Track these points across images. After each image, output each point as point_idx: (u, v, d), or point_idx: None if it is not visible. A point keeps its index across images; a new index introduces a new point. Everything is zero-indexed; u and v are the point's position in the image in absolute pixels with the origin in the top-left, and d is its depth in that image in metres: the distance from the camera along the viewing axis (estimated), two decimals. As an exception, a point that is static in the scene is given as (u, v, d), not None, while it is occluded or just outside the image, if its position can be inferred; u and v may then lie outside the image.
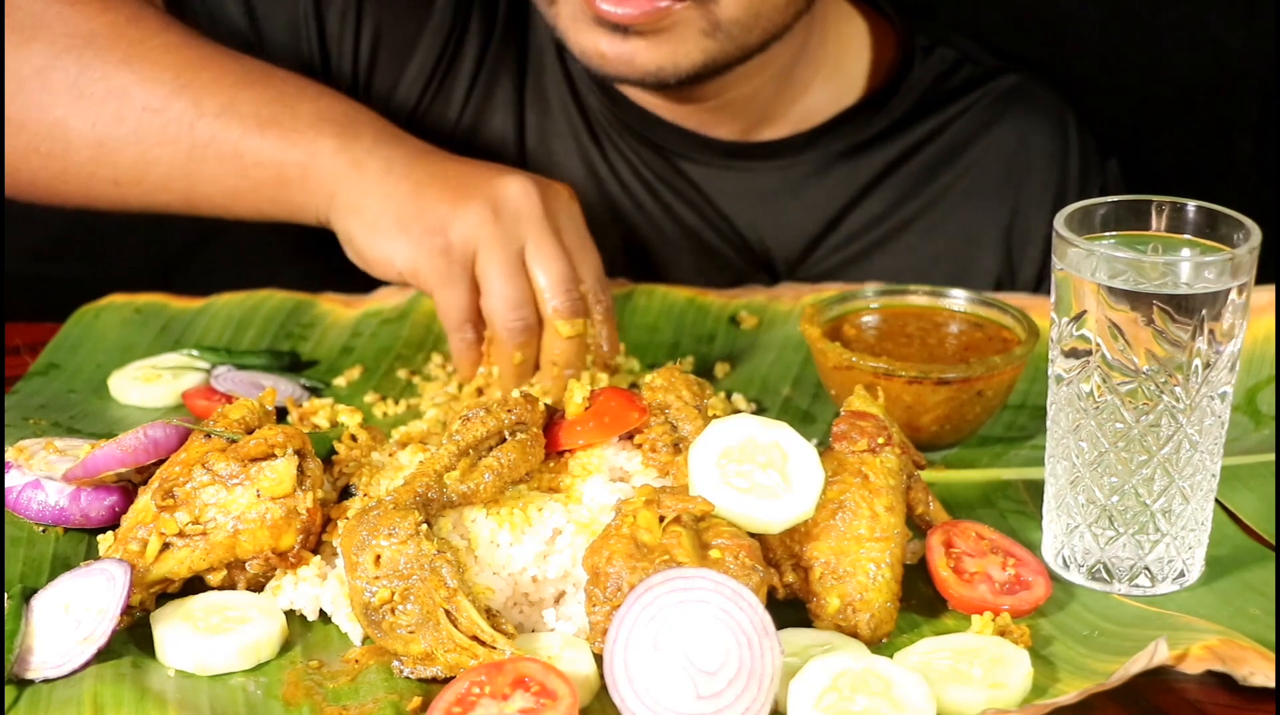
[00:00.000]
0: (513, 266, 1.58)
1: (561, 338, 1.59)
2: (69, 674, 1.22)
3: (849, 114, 1.93)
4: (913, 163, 1.94)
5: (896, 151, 1.94)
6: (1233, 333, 1.29)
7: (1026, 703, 1.20)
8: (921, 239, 1.94)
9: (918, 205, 1.95)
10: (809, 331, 1.56)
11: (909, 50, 1.96)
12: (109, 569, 1.26)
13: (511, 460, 1.30)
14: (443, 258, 1.59)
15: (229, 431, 1.33)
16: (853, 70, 1.96)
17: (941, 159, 1.95)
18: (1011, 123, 1.96)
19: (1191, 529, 1.33)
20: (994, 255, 1.95)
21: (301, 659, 1.26)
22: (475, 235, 1.58)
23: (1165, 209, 1.34)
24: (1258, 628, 1.28)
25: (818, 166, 1.93)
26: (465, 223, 1.58)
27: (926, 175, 1.95)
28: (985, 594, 1.30)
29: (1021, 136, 1.96)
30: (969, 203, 1.95)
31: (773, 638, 1.16)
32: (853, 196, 1.94)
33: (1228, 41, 2.49)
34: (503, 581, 1.28)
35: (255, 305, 1.79)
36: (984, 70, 1.98)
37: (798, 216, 1.94)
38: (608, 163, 1.93)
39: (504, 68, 1.93)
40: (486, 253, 1.58)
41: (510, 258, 1.58)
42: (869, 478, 1.30)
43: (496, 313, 1.58)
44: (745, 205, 1.94)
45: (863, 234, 1.95)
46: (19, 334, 1.75)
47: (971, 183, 1.95)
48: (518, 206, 1.59)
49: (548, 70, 1.93)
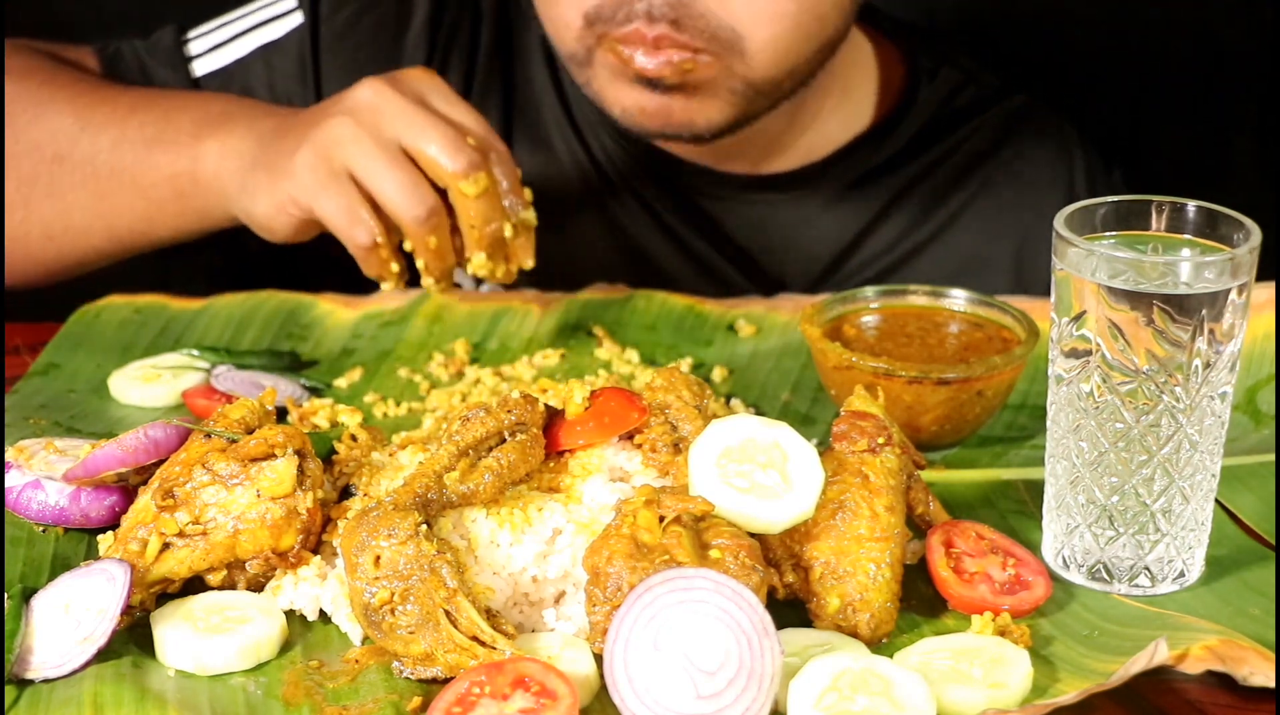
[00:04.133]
0: (392, 155, 1.55)
1: (470, 198, 1.56)
2: (69, 674, 1.22)
3: (859, 142, 1.93)
4: (923, 187, 1.95)
5: (906, 178, 1.94)
6: (1233, 333, 1.29)
7: (1026, 703, 1.20)
8: (934, 263, 1.94)
9: (930, 229, 1.95)
10: (809, 331, 1.56)
11: (915, 74, 1.95)
12: (109, 569, 1.26)
13: (511, 461, 1.30)
14: (311, 172, 1.57)
15: (229, 431, 1.33)
16: (860, 95, 1.96)
17: (951, 183, 1.95)
18: (1017, 145, 1.97)
19: (1191, 529, 1.33)
20: (1005, 277, 1.95)
21: (301, 659, 1.26)
22: (339, 140, 1.56)
23: (1165, 209, 1.34)
24: (1258, 628, 1.28)
25: (830, 196, 1.93)
26: (326, 133, 1.57)
27: (937, 199, 1.95)
28: (985, 594, 1.30)
29: (1027, 158, 1.97)
30: (979, 225, 1.95)
31: (773, 638, 1.16)
32: (866, 223, 1.94)
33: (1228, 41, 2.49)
34: (503, 581, 1.28)
35: (255, 305, 1.79)
36: (988, 92, 1.98)
37: (813, 245, 1.94)
38: (620, 203, 1.93)
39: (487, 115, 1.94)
40: (360, 154, 1.55)
41: (386, 148, 1.55)
42: (869, 478, 1.31)
43: (396, 204, 1.55)
44: (760, 237, 1.93)
45: (876, 261, 1.95)
46: (19, 334, 1.75)
47: (981, 206, 1.95)
48: (374, 103, 1.57)
49: (545, 113, 1.92)
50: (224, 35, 1.90)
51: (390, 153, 1.55)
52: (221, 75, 1.89)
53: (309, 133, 1.58)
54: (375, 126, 1.56)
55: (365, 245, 1.58)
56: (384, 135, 1.56)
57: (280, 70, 1.89)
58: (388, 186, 1.55)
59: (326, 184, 1.56)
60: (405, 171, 1.56)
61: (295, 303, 1.80)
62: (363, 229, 1.57)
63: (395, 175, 1.55)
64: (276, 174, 1.59)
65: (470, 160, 1.56)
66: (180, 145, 1.68)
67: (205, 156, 1.67)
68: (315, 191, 1.56)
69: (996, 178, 1.96)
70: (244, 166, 1.64)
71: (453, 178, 1.56)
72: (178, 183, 1.69)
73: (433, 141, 1.55)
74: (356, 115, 1.56)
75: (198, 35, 1.90)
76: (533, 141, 1.92)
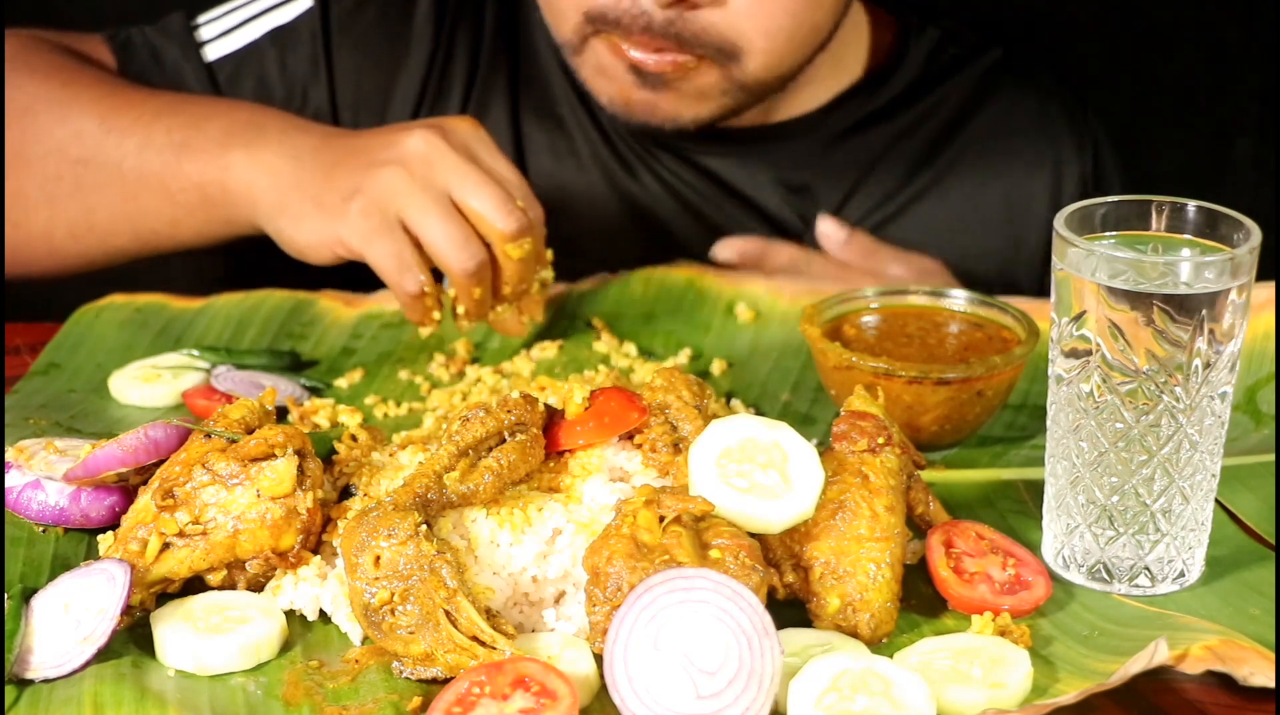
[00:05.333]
0: (444, 208, 1.59)
1: (513, 260, 1.60)
2: (69, 674, 1.22)
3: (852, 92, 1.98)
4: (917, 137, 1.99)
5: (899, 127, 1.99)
6: (1233, 333, 1.29)
7: (1026, 703, 1.20)
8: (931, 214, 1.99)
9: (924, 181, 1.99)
10: (809, 331, 1.56)
11: (905, 30, 2.01)
12: (109, 569, 1.26)
13: (511, 461, 1.30)
14: (364, 218, 1.59)
15: (229, 431, 1.33)
16: (852, 57, 2.00)
17: (942, 134, 2.00)
18: (1000, 96, 2.02)
19: (1191, 529, 1.33)
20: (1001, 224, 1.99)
21: (301, 659, 1.26)
22: (394, 191, 1.59)
23: (1165, 209, 1.34)
24: (1258, 628, 1.28)
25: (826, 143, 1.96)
26: (380, 183, 1.59)
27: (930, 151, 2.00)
28: (985, 594, 1.30)
29: (1009, 106, 2.02)
30: (973, 175, 1.99)
31: (773, 638, 1.16)
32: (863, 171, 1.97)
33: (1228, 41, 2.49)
34: (503, 581, 1.28)
35: (255, 305, 1.79)
36: (969, 47, 2.04)
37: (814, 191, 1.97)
38: (629, 172, 1.95)
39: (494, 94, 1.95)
40: (414, 205, 1.58)
41: (439, 201, 1.59)
42: (869, 478, 1.30)
43: (447, 255, 1.58)
44: (768, 189, 1.96)
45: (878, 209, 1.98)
46: (19, 334, 1.75)
47: (972, 156, 2.00)
48: (427, 154, 1.60)
49: (553, 87, 1.95)
50: (235, 20, 1.92)
51: (443, 206, 1.59)
52: (233, 59, 1.91)
53: (363, 177, 1.61)
54: (428, 178, 1.59)
55: (414, 293, 1.62)
56: (437, 187, 1.59)
57: (292, 53, 1.91)
58: (440, 238, 1.59)
59: (380, 232, 1.60)
60: (457, 226, 1.59)
61: (295, 302, 1.80)
62: (412, 278, 1.61)
63: (448, 230, 1.58)
64: (327, 213, 1.62)
65: (520, 224, 1.60)
66: (209, 154, 1.71)
67: (235, 166, 1.69)
68: (369, 238, 1.60)
69: (983, 128, 2.00)
70: (280, 185, 1.66)
71: (502, 238, 1.60)
72: (207, 190, 1.71)
73: (486, 199, 1.59)
74: (409, 166, 1.59)
75: (208, 21, 1.92)
76: (541, 115, 1.95)
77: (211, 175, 1.70)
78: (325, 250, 1.63)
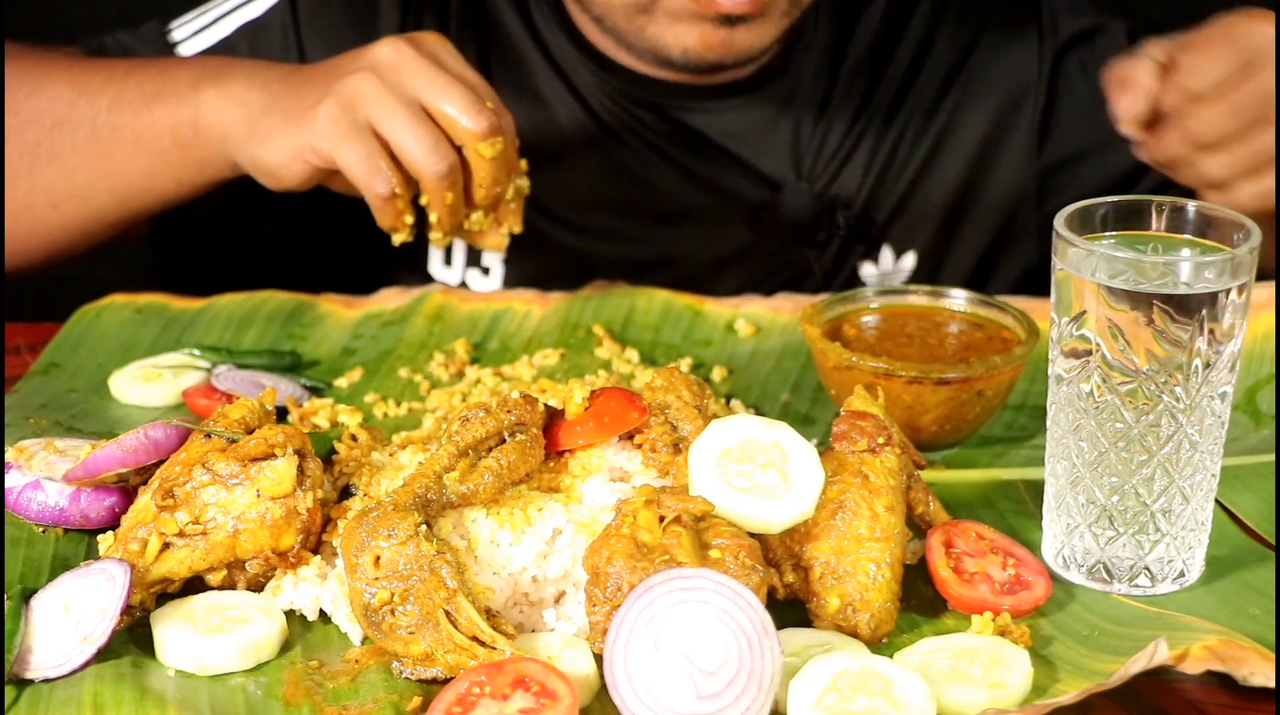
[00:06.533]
0: (414, 112, 1.60)
1: (486, 159, 1.61)
2: (69, 674, 1.22)
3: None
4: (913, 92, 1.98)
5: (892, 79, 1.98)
6: (1233, 333, 1.29)
7: (1026, 703, 1.20)
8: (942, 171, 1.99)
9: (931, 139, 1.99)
10: (809, 331, 1.56)
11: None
12: (109, 569, 1.26)
13: (511, 461, 1.30)
14: (333, 123, 1.60)
15: (229, 431, 1.33)
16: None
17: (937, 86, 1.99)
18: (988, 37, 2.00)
19: (1191, 529, 1.33)
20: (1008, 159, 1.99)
21: (301, 659, 1.26)
22: (363, 95, 1.60)
23: (1165, 209, 1.34)
24: (1258, 628, 1.28)
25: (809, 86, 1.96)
26: (349, 88, 1.61)
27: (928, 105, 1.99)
28: (985, 594, 1.30)
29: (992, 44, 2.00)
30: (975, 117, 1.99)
31: (773, 638, 1.16)
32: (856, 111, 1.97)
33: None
34: (503, 581, 1.28)
35: (256, 305, 1.79)
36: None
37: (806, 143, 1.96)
38: (614, 137, 1.94)
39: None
40: (384, 110, 1.59)
41: (408, 105, 1.60)
42: (869, 478, 1.31)
43: (419, 159, 1.60)
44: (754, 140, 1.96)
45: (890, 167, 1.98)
46: (19, 334, 1.75)
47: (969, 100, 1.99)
48: (396, 61, 1.61)
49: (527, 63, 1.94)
50: (207, 19, 1.93)
51: (412, 109, 1.60)
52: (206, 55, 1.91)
53: (331, 85, 1.62)
54: (398, 83, 1.60)
55: (384, 195, 1.63)
56: (406, 92, 1.60)
57: (264, 45, 1.91)
58: (410, 142, 1.59)
59: (349, 135, 1.60)
60: (427, 128, 1.60)
61: (296, 303, 1.80)
62: (382, 180, 1.61)
63: (417, 132, 1.59)
64: (296, 122, 1.63)
65: (490, 123, 1.61)
66: (180, 97, 1.72)
67: (205, 104, 1.70)
68: (338, 142, 1.61)
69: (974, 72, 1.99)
70: (252, 113, 1.67)
71: (472, 138, 1.61)
72: (179, 132, 1.72)
73: (454, 101, 1.60)
74: (379, 71, 1.61)
75: (181, 24, 1.93)
76: (518, 92, 1.94)
77: (183, 116, 1.71)
78: (298, 163, 1.63)
